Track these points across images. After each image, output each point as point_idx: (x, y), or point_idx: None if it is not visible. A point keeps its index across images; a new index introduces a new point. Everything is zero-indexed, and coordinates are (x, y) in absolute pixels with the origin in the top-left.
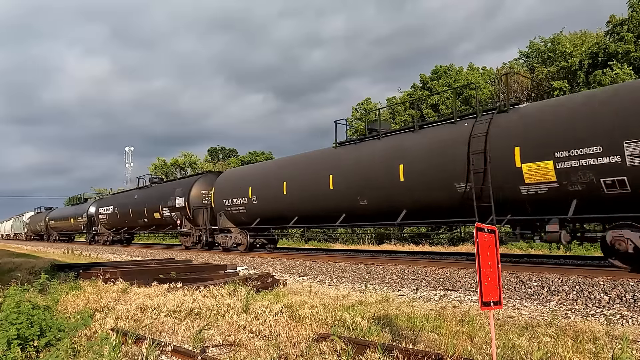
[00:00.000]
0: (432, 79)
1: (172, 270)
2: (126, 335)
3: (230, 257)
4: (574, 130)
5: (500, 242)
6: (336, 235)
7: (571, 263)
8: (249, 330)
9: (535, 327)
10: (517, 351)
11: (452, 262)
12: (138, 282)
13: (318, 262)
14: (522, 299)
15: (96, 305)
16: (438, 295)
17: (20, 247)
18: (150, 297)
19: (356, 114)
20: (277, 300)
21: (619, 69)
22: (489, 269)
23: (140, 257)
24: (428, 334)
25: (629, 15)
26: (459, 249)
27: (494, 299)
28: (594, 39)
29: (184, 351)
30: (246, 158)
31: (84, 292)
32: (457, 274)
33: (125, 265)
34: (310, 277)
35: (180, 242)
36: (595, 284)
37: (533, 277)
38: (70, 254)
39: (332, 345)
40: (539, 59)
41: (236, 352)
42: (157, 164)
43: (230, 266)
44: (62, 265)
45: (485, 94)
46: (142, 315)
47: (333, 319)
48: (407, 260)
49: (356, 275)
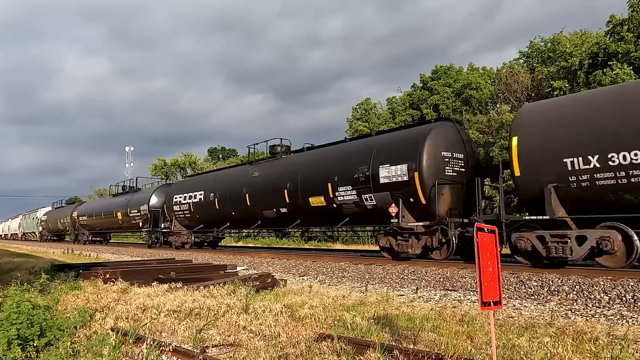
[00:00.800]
0: (432, 79)
1: (172, 270)
2: (126, 335)
3: (231, 257)
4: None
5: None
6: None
7: (571, 263)
8: (249, 330)
9: (535, 327)
10: (517, 351)
11: (452, 262)
12: (138, 282)
13: (318, 262)
14: (522, 299)
15: (96, 305)
16: (438, 295)
17: (20, 247)
18: (150, 297)
19: (356, 114)
20: (277, 300)
21: (619, 69)
22: (489, 269)
23: (140, 257)
24: (428, 334)
25: (629, 15)
26: None
27: (494, 299)
28: (594, 39)
29: (184, 351)
30: (246, 158)
31: (84, 292)
32: (457, 274)
33: (125, 265)
34: (310, 277)
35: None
36: (595, 284)
37: (533, 277)
38: (70, 254)
39: (332, 345)
40: (539, 59)
41: (236, 352)
42: (157, 164)
43: (230, 266)
44: (62, 265)
45: (485, 94)
46: (142, 315)
47: (333, 319)
48: (407, 260)
49: (356, 275)
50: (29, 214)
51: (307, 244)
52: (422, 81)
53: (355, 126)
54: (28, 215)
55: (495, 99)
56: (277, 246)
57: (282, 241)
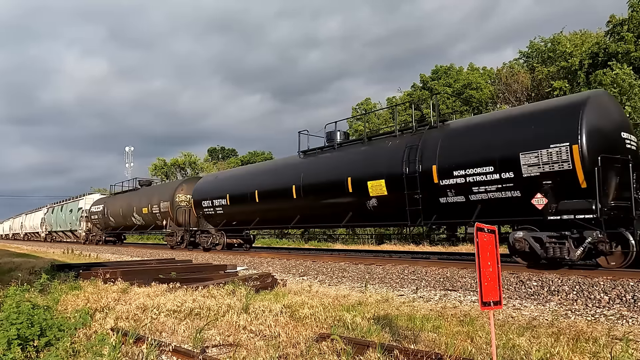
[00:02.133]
0: (432, 79)
1: (171, 270)
2: (126, 335)
3: (231, 257)
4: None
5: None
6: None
7: (571, 263)
8: (249, 330)
9: (535, 327)
10: (517, 351)
11: (452, 262)
12: (138, 282)
13: (318, 262)
14: (522, 299)
15: (96, 305)
16: (438, 295)
17: (20, 247)
18: (150, 297)
19: (356, 114)
20: (277, 300)
21: (619, 69)
22: (489, 269)
23: (140, 257)
24: (428, 334)
25: (629, 15)
26: (458, 249)
27: (494, 299)
28: (594, 39)
29: (184, 351)
30: (246, 158)
31: (84, 292)
32: (457, 274)
33: (125, 265)
34: (310, 277)
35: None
36: (595, 284)
37: (533, 277)
38: (70, 254)
39: (332, 345)
40: (539, 59)
41: (236, 352)
42: (157, 164)
43: (230, 266)
44: (62, 265)
45: (485, 94)
46: (142, 315)
47: (333, 319)
48: (407, 260)
49: (356, 275)
50: (63, 204)
51: (307, 244)
52: (422, 81)
53: (355, 126)
54: (62, 206)
55: (495, 99)
56: (277, 246)
57: (282, 241)
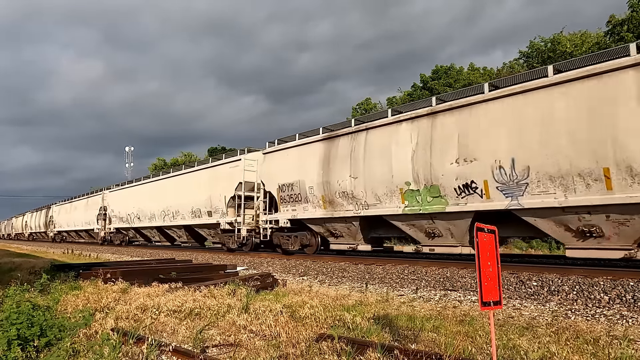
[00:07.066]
0: (432, 79)
1: (172, 270)
2: (126, 335)
3: (231, 257)
4: None
5: None
6: None
7: (571, 263)
8: (249, 330)
9: (535, 327)
10: (517, 351)
11: (452, 262)
12: (138, 282)
13: (318, 262)
14: (522, 299)
15: (96, 305)
16: (438, 295)
17: (20, 247)
18: (151, 297)
19: (356, 114)
20: (277, 300)
21: None
22: (489, 269)
23: (140, 257)
24: (428, 334)
25: (629, 15)
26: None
27: (494, 299)
28: (593, 39)
29: (184, 351)
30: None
31: (84, 292)
32: (457, 274)
33: (125, 265)
34: (310, 277)
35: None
36: (595, 284)
37: (533, 277)
38: (70, 254)
39: (332, 345)
40: (539, 59)
41: (236, 352)
42: (157, 163)
43: (230, 266)
44: (62, 265)
45: None
46: (142, 315)
47: (333, 319)
48: (407, 260)
49: (356, 275)
50: (76, 202)
51: None
52: (423, 81)
53: None
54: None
55: None
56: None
57: None
